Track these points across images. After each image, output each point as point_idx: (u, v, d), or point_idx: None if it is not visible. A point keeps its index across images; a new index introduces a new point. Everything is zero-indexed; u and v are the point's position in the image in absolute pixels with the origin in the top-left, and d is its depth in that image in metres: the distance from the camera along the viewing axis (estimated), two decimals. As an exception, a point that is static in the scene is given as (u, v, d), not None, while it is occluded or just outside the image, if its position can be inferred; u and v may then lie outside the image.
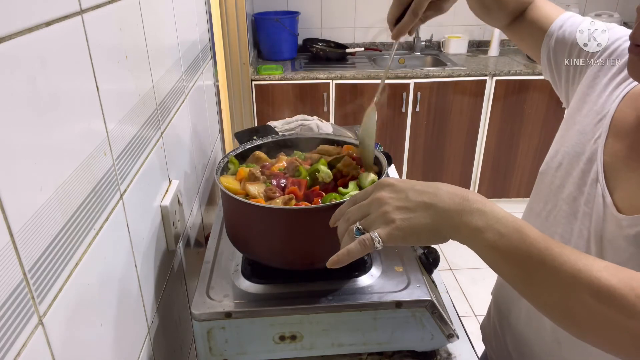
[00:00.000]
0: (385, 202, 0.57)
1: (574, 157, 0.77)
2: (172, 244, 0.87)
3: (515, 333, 0.88)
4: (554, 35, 0.86)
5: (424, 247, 0.83)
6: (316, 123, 1.29)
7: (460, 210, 0.54)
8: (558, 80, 0.89)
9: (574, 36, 0.84)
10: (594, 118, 0.76)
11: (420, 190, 0.56)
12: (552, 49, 0.87)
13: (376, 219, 0.57)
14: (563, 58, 0.86)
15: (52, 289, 0.46)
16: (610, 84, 0.77)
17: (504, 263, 0.52)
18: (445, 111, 2.92)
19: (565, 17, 0.87)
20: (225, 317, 0.70)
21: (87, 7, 0.55)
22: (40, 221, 0.44)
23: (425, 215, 0.55)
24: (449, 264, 2.75)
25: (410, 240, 0.56)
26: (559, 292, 0.50)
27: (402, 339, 0.74)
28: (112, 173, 0.61)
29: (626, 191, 0.69)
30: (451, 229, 0.54)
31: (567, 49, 0.85)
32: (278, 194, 0.76)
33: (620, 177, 0.70)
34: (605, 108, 0.75)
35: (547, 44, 0.88)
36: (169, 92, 0.89)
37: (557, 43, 0.86)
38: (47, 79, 0.46)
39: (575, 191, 0.76)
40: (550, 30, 0.87)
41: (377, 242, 0.56)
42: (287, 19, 2.97)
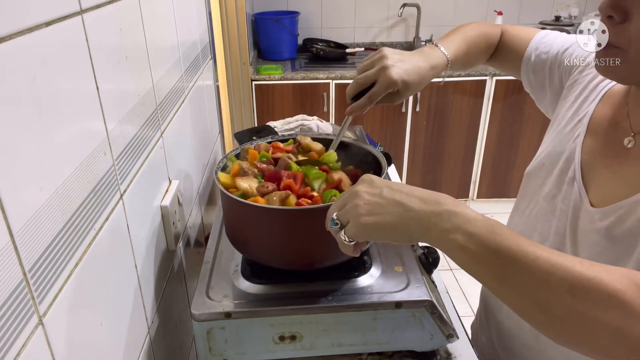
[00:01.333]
0: (359, 195, 0.58)
1: (555, 157, 0.79)
2: (172, 244, 0.87)
3: (500, 327, 0.90)
4: (532, 57, 0.90)
5: (424, 247, 0.83)
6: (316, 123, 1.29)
7: (430, 212, 0.54)
8: (543, 96, 0.93)
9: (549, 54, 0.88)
10: (573, 119, 0.79)
11: (395, 189, 0.57)
12: (531, 70, 0.91)
13: (348, 211, 0.58)
14: (545, 75, 0.89)
15: (52, 289, 0.46)
16: (589, 86, 0.80)
17: (476, 264, 0.52)
18: (445, 111, 2.92)
19: (540, 36, 0.90)
20: (225, 317, 0.70)
21: (87, 7, 0.55)
22: (40, 221, 0.44)
23: (393, 213, 0.55)
24: (449, 264, 2.75)
25: (376, 237, 0.57)
26: (533, 289, 0.49)
27: (402, 339, 0.74)
28: (112, 173, 0.61)
29: (599, 187, 0.71)
30: (420, 231, 0.54)
31: (547, 67, 0.88)
32: (271, 188, 0.76)
33: (595, 174, 0.73)
34: (584, 109, 0.78)
35: (526, 65, 0.91)
36: (169, 92, 0.89)
37: (536, 63, 0.90)
38: (47, 79, 0.46)
39: (554, 189, 0.78)
40: (528, 53, 0.91)
41: (344, 240, 0.58)
42: (287, 19, 2.97)
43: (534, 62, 0.90)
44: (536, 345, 0.81)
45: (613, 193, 0.68)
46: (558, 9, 3.26)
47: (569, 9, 3.22)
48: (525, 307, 0.51)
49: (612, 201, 0.68)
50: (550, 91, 0.89)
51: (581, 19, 3.18)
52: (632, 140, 0.69)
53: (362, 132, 1.41)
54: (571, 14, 3.20)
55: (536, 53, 0.89)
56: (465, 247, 0.51)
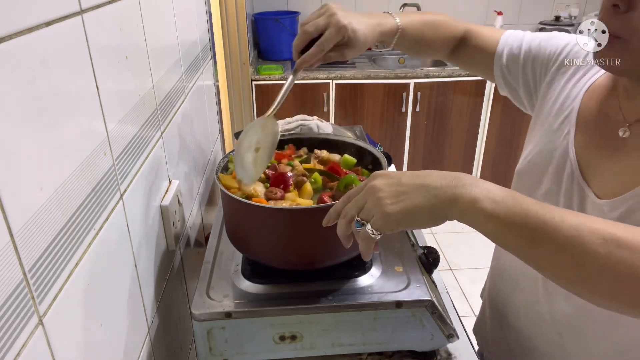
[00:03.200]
0: (379, 188, 0.57)
1: (547, 155, 0.80)
2: (172, 244, 0.87)
3: (516, 329, 0.89)
4: (504, 54, 0.90)
5: (424, 247, 0.83)
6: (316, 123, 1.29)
7: (453, 185, 0.54)
8: (519, 93, 0.93)
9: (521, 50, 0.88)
10: (559, 116, 0.80)
11: (411, 175, 0.57)
12: (504, 67, 0.91)
13: (372, 207, 0.57)
14: (518, 72, 0.90)
15: (52, 289, 0.46)
16: (567, 84, 0.81)
17: (505, 230, 0.52)
18: (445, 111, 2.92)
19: (507, 35, 0.91)
20: (225, 317, 0.70)
21: (87, 7, 0.55)
22: (40, 221, 0.44)
23: (419, 196, 0.55)
24: (449, 264, 2.75)
25: (407, 223, 0.56)
26: (566, 246, 0.49)
27: (402, 339, 0.74)
28: (112, 173, 0.61)
29: (602, 179, 0.72)
30: (447, 205, 0.54)
31: (520, 63, 0.89)
32: (279, 195, 0.76)
33: (594, 167, 0.74)
34: (568, 105, 0.79)
35: (499, 64, 0.92)
36: (169, 92, 0.89)
37: (509, 60, 0.90)
38: (47, 79, 0.46)
39: (553, 186, 0.79)
40: (499, 51, 0.91)
41: (372, 233, 0.57)
42: (287, 19, 2.96)
43: (506, 59, 0.90)
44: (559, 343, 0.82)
45: (618, 184, 0.69)
46: (558, 9, 3.26)
47: (569, 9, 3.22)
48: (559, 267, 0.51)
49: (618, 192, 0.69)
50: (524, 86, 0.90)
51: (581, 19, 3.18)
52: (627, 130, 0.71)
53: (362, 132, 1.41)
54: (571, 14, 3.20)
55: (507, 50, 0.90)
56: (493, 215, 0.52)
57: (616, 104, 0.73)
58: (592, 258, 0.49)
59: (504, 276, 0.92)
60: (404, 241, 0.85)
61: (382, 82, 2.79)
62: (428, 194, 0.55)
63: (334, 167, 0.84)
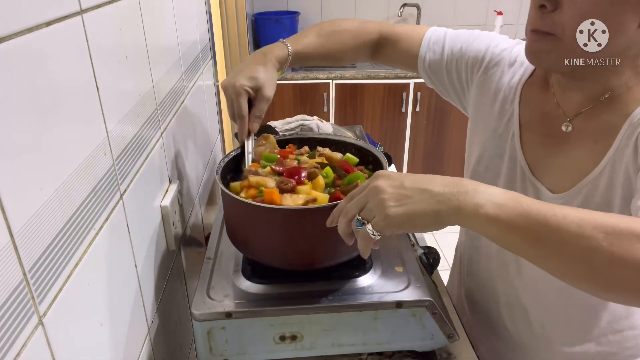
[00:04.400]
0: (382, 189, 0.57)
1: (497, 159, 0.82)
2: (172, 244, 0.87)
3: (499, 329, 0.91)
4: (426, 57, 0.91)
5: (424, 247, 0.83)
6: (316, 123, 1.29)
7: (456, 192, 0.55)
8: (447, 94, 0.95)
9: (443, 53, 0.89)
10: (501, 119, 0.82)
11: (414, 179, 0.58)
12: (429, 71, 0.92)
13: (374, 207, 0.57)
14: (443, 76, 0.91)
15: (52, 289, 0.46)
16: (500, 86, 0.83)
17: (510, 232, 0.52)
18: (445, 111, 2.91)
19: (428, 35, 0.92)
20: (226, 317, 0.70)
21: (87, 7, 0.55)
22: (40, 221, 0.44)
23: (422, 201, 0.55)
24: (449, 264, 2.75)
25: (407, 227, 0.56)
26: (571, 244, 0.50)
27: (402, 339, 0.74)
28: (112, 173, 0.61)
29: (553, 175, 0.75)
30: (450, 211, 0.54)
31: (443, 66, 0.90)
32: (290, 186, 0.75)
33: (543, 165, 0.76)
34: (508, 108, 0.81)
35: (422, 65, 0.93)
36: (169, 92, 0.89)
37: (431, 63, 0.91)
38: (47, 79, 0.46)
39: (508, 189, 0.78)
40: (421, 54, 0.92)
41: (372, 234, 0.57)
42: (287, 19, 2.96)
43: (429, 62, 0.91)
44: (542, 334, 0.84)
45: (568, 177, 0.72)
46: (558, 9, 3.26)
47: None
48: (566, 265, 0.52)
49: (570, 184, 0.71)
50: (451, 88, 0.92)
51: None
52: (569, 125, 0.73)
53: (362, 132, 1.41)
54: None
55: (430, 54, 0.91)
56: (496, 218, 0.52)
57: (554, 100, 0.76)
58: (597, 253, 0.49)
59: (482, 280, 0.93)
60: (404, 241, 0.85)
61: (382, 82, 2.79)
62: (431, 199, 0.55)
63: (344, 165, 0.83)
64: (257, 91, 0.85)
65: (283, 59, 0.90)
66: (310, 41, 0.94)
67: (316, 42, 0.94)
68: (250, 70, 0.85)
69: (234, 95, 0.84)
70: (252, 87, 0.84)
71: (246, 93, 0.84)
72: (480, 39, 0.86)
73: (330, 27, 0.96)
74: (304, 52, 0.92)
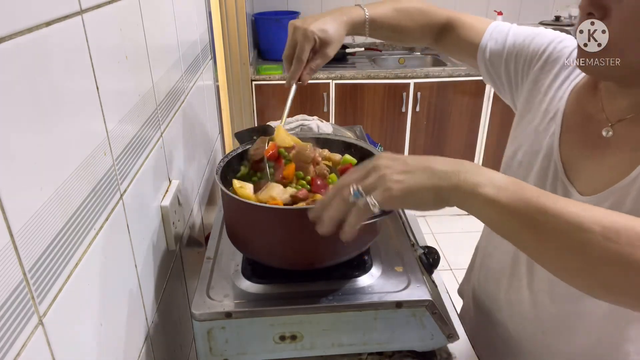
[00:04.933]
0: (385, 165, 0.57)
1: (533, 155, 0.81)
2: (172, 244, 0.87)
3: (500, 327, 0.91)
4: (487, 48, 0.91)
5: (424, 247, 0.83)
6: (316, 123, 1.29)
7: (457, 170, 0.55)
8: (501, 87, 0.94)
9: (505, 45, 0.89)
10: (545, 116, 0.81)
11: (417, 157, 0.58)
12: (488, 61, 0.92)
13: (375, 181, 0.56)
14: (500, 68, 0.91)
15: (52, 289, 0.46)
16: (553, 84, 0.82)
17: (507, 216, 0.52)
18: (445, 111, 2.92)
19: (492, 27, 0.92)
20: (226, 317, 0.70)
21: (87, 7, 0.55)
22: (40, 221, 0.44)
23: (423, 177, 0.55)
24: (449, 264, 2.75)
25: (409, 201, 0.56)
26: (567, 233, 0.50)
27: (402, 339, 0.74)
28: (112, 173, 0.61)
29: (586, 178, 0.74)
30: (450, 188, 0.54)
31: (503, 58, 0.89)
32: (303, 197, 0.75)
33: (578, 167, 0.75)
34: (555, 106, 0.80)
35: (482, 56, 0.92)
36: (169, 92, 0.89)
37: (492, 54, 0.90)
38: (47, 79, 0.46)
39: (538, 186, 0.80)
40: (483, 43, 0.91)
41: (372, 205, 0.55)
42: (287, 19, 2.96)
43: (490, 52, 0.90)
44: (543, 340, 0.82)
45: (601, 181, 0.71)
46: (558, 9, 3.26)
47: (569, 9, 3.22)
48: (561, 254, 0.51)
49: (600, 189, 0.70)
50: (507, 81, 0.91)
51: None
52: (609, 130, 0.72)
53: (362, 132, 1.41)
54: (571, 14, 3.20)
55: (491, 44, 0.90)
56: (495, 200, 0.52)
57: (599, 104, 0.75)
58: (591, 247, 0.49)
59: (489, 274, 0.93)
60: (404, 241, 0.85)
61: (382, 82, 2.79)
62: (433, 175, 0.55)
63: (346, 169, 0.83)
64: (321, 45, 0.86)
65: (359, 22, 0.90)
66: (386, 12, 0.93)
67: (392, 15, 0.93)
68: (323, 23, 0.85)
69: (301, 38, 0.84)
70: (321, 39, 0.85)
71: (313, 41, 0.84)
72: (544, 34, 0.86)
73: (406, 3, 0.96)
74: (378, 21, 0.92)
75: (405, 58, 3.20)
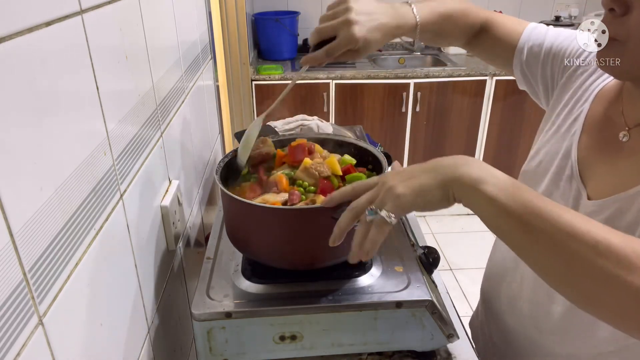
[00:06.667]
0: (391, 179, 0.59)
1: (552, 155, 0.81)
2: (172, 244, 0.87)
3: (499, 322, 0.91)
4: (525, 50, 0.89)
5: (424, 247, 0.83)
6: (316, 123, 1.29)
7: (460, 164, 0.56)
8: (537, 89, 0.92)
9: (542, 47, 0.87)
10: (568, 118, 0.81)
11: (422, 164, 0.60)
12: (524, 63, 0.90)
13: (384, 196, 0.58)
14: (537, 69, 0.89)
15: (52, 289, 0.46)
16: (580, 88, 0.81)
17: (503, 216, 0.53)
18: (445, 111, 2.91)
19: (530, 29, 0.90)
20: (226, 317, 0.70)
21: (87, 7, 0.55)
22: (40, 221, 0.44)
23: (429, 176, 0.57)
24: (449, 264, 2.75)
25: (419, 203, 0.57)
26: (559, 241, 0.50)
27: (402, 339, 0.74)
28: (112, 173, 0.61)
29: (598, 181, 0.73)
30: (453, 180, 0.55)
31: (540, 60, 0.88)
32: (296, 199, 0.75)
33: (592, 169, 0.75)
34: (578, 108, 0.80)
35: (519, 58, 0.90)
36: (169, 92, 0.89)
37: (529, 56, 0.89)
38: (47, 79, 0.46)
39: (552, 186, 0.79)
40: (520, 45, 0.89)
41: (388, 217, 0.57)
42: (287, 19, 2.96)
43: (527, 54, 0.89)
44: (539, 339, 0.82)
45: (610, 186, 0.70)
46: (558, 9, 3.26)
47: (569, 9, 3.22)
48: (548, 260, 0.52)
49: (609, 194, 0.69)
50: (543, 84, 0.90)
51: (581, 19, 3.18)
52: (626, 134, 0.71)
53: (362, 132, 1.41)
54: (571, 14, 3.20)
55: (529, 45, 0.88)
56: (494, 198, 0.53)
57: (620, 108, 0.74)
58: (579, 258, 0.49)
59: (494, 270, 0.93)
60: (404, 241, 0.85)
61: (382, 82, 2.79)
62: (437, 173, 0.57)
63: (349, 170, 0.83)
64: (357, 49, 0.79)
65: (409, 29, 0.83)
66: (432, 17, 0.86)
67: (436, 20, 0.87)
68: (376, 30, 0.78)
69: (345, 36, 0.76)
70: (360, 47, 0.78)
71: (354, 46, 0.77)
72: None
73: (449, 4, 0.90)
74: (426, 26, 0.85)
75: (405, 58, 3.20)
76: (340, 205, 0.67)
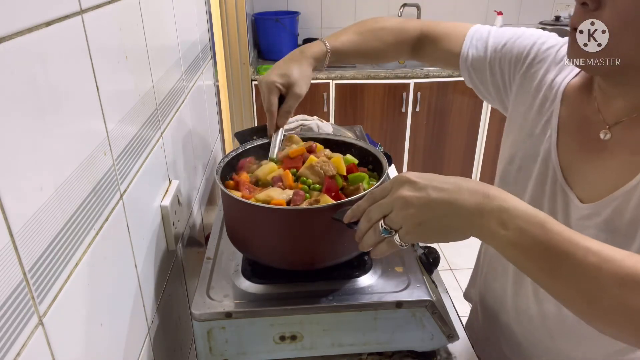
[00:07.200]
0: (409, 202, 0.56)
1: (531, 160, 0.80)
2: (172, 244, 0.87)
3: (507, 331, 0.89)
4: (469, 55, 0.89)
5: (424, 247, 0.83)
6: (316, 123, 1.29)
7: (480, 209, 0.54)
8: (487, 92, 0.92)
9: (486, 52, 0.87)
10: (539, 120, 0.79)
11: (440, 187, 0.56)
12: (471, 67, 0.90)
13: (400, 220, 0.57)
14: (485, 73, 0.89)
15: (52, 289, 0.46)
16: (543, 84, 0.80)
17: (526, 259, 0.53)
18: (445, 111, 2.92)
19: (471, 33, 0.90)
20: (226, 317, 0.70)
21: (87, 7, 0.55)
22: (40, 221, 0.44)
23: (447, 215, 0.55)
24: (449, 264, 2.75)
25: (432, 239, 0.58)
26: (583, 283, 0.50)
27: (402, 339, 0.74)
28: (112, 173, 0.61)
29: (586, 183, 0.72)
30: (472, 229, 0.55)
31: (486, 65, 0.87)
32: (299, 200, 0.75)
33: (577, 171, 0.74)
34: (548, 109, 0.78)
35: (464, 65, 0.90)
36: (169, 92, 0.89)
37: (474, 61, 0.89)
38: (47, 79, 0.46)
39: (537, 191, 0.78)
40: (463, 52, 0.89)
41: (400, 245, 0.58)
42: (287, 19, 2.96)
43: (472, 58, 0.89)
44: (552, 345, 0.82)
45: (601, 186, 0.70)
46: (558, 9, 3.26)
47: (569, 9, 3.22)
48: (573, 299, 0.52)
49: (601, 195, 0.69)
50: (493, 86, 0.89)
51: (581, 18, 3.17)
52: (607, 132, 0.71)
53: (362, 132, 1.41)
54: (571, 14, 3.20)
55: (472, 50, 0.88)
56: (516, 243, 0.52)
57: (594, 105, 0.73)
58: (607, 298, 0.49)
59: (496, 278, 0.92)
60: (404, 241, 0.85)
61: (382, 82, 2.79)
62: (456, 215, 0.55)
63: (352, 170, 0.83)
64: (288, 88, 0.88)
65: (321, 56, 0.92)
66: (349, 39, 0.94)
67: (355, 39, 0.94)
68: (284, 68, 0.89)
69: (265, 90, 0.89)
70: (284, 84, 0.88)
71: (277, 90, 0.88)
72: (526, 36, 0.84)
73: (370, 25, 0.96)
74: (343, 49, 0.93)
75: (405, 58, 3.20)
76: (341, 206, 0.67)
